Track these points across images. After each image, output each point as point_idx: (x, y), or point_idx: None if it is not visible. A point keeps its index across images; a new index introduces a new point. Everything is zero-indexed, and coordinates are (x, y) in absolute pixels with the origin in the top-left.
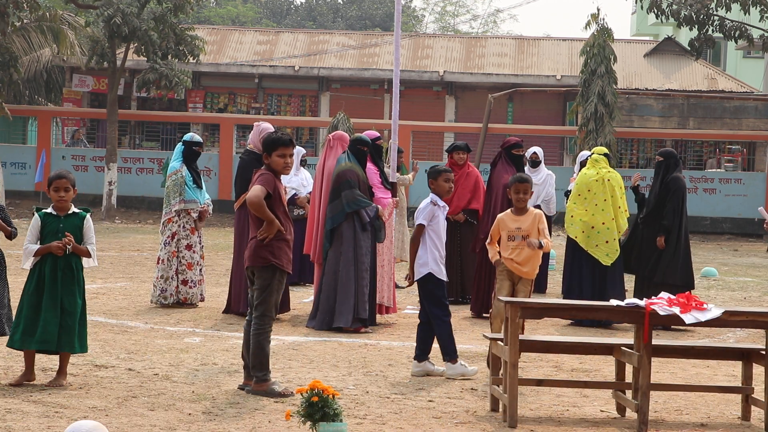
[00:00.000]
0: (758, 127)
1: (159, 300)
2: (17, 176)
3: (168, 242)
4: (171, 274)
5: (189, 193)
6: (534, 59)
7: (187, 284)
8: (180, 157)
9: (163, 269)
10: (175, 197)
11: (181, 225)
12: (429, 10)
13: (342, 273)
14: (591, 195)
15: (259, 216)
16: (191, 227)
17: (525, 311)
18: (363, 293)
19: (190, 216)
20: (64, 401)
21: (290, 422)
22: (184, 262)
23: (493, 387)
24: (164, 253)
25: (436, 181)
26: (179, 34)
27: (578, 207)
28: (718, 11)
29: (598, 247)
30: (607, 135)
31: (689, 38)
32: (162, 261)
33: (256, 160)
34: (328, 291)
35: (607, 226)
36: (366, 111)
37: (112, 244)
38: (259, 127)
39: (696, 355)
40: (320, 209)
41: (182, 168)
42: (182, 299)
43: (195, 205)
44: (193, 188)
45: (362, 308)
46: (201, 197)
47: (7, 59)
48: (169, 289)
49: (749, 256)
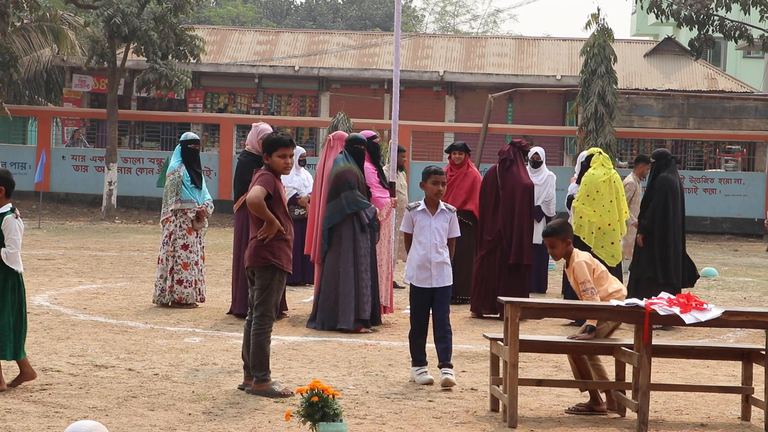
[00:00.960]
0: (758, 127)
1: (159, 300)
2: (17, 176)
3: (166, 242)
4: (167, 274)
5: (186, 192)
6: (534, 59)
7: (182, 284)
8: (179, 156)
9: (162, 269)
10: (172, 197)
11: (178, 225)
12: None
13: (342, 274)
14: (599, 196)
15: (260, 216)
16: (188, 227)
17: (525, 311)
18: (363, 294)
19: (187, 216)
20: (64, 401)
21: (290, 422)
22: (180, 261)
23: (493, 387)
24: (163, 253)
25: (425, 184)
26: (179, 34)
27: (587, 208)
28: (718, 11)
29: (603, 248)
30: (607, 135)
31: (689, 38)
32: (161, 261)
33: (254, 161)
34: (327, 292)
35: (612, 227)
36: (366, 111)
37: (112, 244)
38: (257, 128)
39: (696, 355)
40: (320, 209)
41: (180, 168)
42: (177, 299)
43: (192, 205)
44: (191, 188)
45: (362, 309)
46: (199, 197)
47: (7, 59)
48: (166, 288)
49: (749, 256)
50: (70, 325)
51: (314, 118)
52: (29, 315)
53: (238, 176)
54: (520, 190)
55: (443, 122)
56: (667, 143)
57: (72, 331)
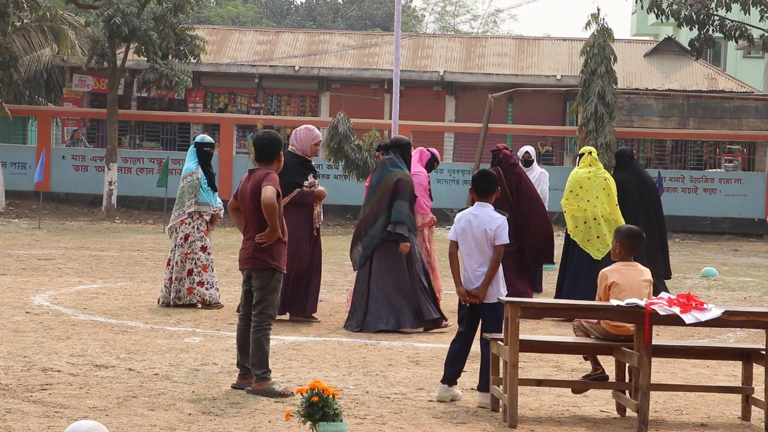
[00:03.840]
0: (758, 127)
1: (173, 301)
2: (17, 176)
3: (181, 244)
4: (184, 276)
5: (203, 195)
6: (534, 59)
7: (203, 285)
8: (195, 158)
9: (177, 271)
10: (190, 198)
11: (195, 227)
12: (429, 10)
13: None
14: (582, 191)
15: (269, 219)
16: (205, 229)
17: (525, 311)
18: (422, 295)
19: (203, 218)
20: (64, 401)
21: (290, 422)
22: (200, 264)
23: (493, 387)
24: (178, 255)
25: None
26: (179, 34)
27: (571, 203)
28: (718, 11)
29: (590, 242)
30: (607, 135)
31: (689, 38)
32: (176, 263)
33: (298, 163)
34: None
35: (599, 221)
36: (366, 111)
37: (112, 244)
38: (311, 133)
39: (696, 355)
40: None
41: (198, 170)
42: (200, 299)
43: (208, 207)
44: (208, 190)
45: (426, 310)
46: (214, 200)
47: (8, 59)
48: (182, 290)
49: (749, 256)
50: (70, 325)
51: (314, 118)
52: (29, 315)
53: (282, 176)
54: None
55: (443, 122)
56: (667, 143)
57: (72, 331)
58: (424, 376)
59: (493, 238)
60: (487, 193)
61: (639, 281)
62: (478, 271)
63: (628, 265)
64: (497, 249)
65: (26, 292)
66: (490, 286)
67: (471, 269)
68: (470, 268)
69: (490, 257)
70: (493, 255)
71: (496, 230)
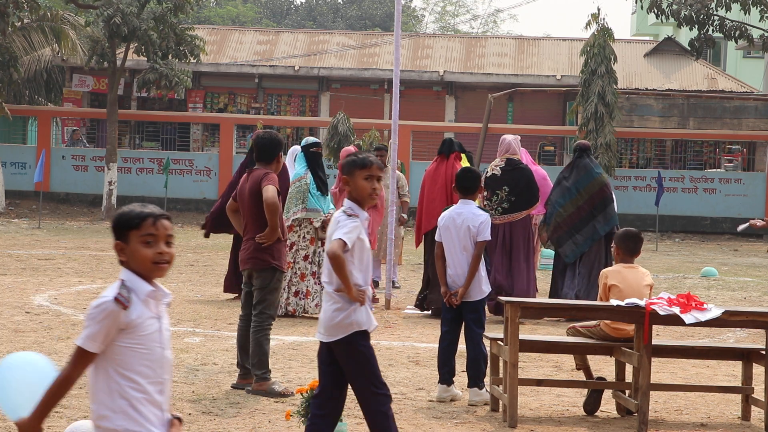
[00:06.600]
0: (758, 127)
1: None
2: (17, 176)
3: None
4: (284, 285)
5: (312, 201)
6: (534, 59)
7: (298, 295)
8: (303, 162)
9: None
10: (297, 204)
11: (302, 235)
12: (429, 10)
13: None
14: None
15: (271, 219)
16: (311, 237)
17: (525, 311)
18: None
19: (312, 225)
20: (64, 401)
21: (290, 422)
22: (298, 272)
23: (493, 387)
24: None
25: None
26: (179, 34)
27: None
28: (718, 11)
29: None
30: (607, 135)
31: (689, 38)
32: None
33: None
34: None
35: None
36: (366, 111)
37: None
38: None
39: (696, 355)
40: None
41: (307, 174)
42: (291, 311)
43: (317, 214)
44: (317, 196)
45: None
46: (325, 206)
47: (7, 59)
48: (281, 300)
49: (749, 256)
50: (70, 325)
51: (314, 118)
52: (29, 315)
53: None
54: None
55: (443, 122)
56: (667, 143)
57: (72, 331)
58: (424, 376)
59: (476, 234)
60: (470, 191)
61: (639, 282)
62: (464, 268)
63: (628, 267)
64: (478, 245)
65: (26, 292)
66: (471, 285)
67: (457, 267)
68: (455, 266)
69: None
70: (474, 251)
71: (479, 226)
